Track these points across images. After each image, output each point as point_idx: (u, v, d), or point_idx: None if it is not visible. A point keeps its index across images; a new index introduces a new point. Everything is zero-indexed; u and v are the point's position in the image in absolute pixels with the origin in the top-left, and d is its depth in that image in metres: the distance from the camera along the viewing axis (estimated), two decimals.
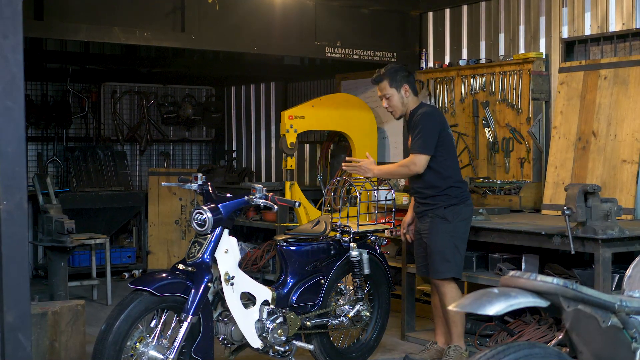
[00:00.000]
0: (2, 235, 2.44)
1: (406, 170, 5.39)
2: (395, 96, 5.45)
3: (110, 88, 10.30)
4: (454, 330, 5.46)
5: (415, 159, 5.31)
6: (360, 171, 5.44)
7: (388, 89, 5.45)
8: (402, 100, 5.45)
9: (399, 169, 5.52)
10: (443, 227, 5.38)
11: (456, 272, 5.40)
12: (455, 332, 5.46)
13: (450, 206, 5.38)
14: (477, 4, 7.53)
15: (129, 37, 6.43)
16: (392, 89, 5.44)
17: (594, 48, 6.55)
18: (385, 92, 5.47)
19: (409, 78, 5.49)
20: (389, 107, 5.51)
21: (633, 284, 3.46)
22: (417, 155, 5.30)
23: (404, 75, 5.47)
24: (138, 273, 9.45)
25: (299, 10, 7.31)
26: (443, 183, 5.38)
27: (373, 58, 7.78)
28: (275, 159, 10.27)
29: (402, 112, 5.51)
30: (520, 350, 2.87)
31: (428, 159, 5.30)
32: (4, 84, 2.45)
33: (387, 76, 5.44)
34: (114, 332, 4.34)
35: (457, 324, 5.45)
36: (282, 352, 5.03)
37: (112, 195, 9.52)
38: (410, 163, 5.33)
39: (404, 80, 5.45)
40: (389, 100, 5.47)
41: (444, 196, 5.37)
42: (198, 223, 4.74)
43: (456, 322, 5.45)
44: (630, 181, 6.01)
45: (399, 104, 5.46)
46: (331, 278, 5.42)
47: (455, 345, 5.44)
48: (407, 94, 5.45)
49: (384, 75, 5.45)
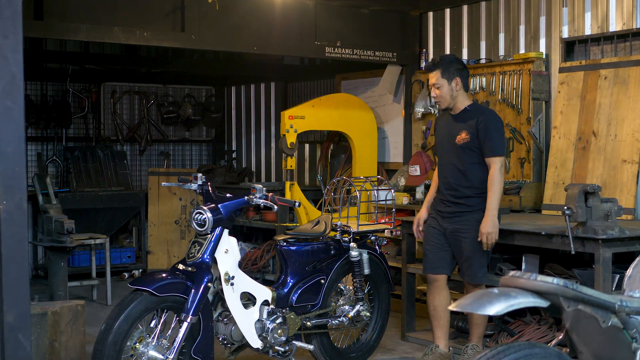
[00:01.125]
0: (2, 235, 2.44)
1: (501, 178, 5.26)
2: (445, 87, 5.31)
3: (110, 88, 10.30)
4: (476, 331, 5.47)
5: (500, 161, 5.25)
6: (490, 237, 5.20)
7: (439, 78, 5.31)
8: (452, 93, 5.32)
9: (499, 185, 5.24)
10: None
11: (487, 277, 5.45)
12: (477, 333, 5.48)
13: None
14: (477, 4, 7.53)
15: (129, 37, 6.43)
16: (443, 79, 5.31)
17: (594, 48, 6.55)
18: (436, 81, 5.33)
19: (462, 72, 5.37)
20: (437, 97, 5.37)
21: (633, 284, 3.46)
22: (500, 157, 5.24)
23: (457, 68, 5.35)
24: (138, 273, 9.45)
25: (299, 10, 7.31)
26: (484, 185, 5.29)
27: (373, 58, 7.78)
28: (275, 159, 10.27)
29: (448, 105, 5.37)
30: (520, 350, 2.87)
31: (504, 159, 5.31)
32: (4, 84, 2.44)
33: (440, 65, 5.33)
34: (114, 332, 4.34)
35: (479, 326, 5.46)
36: (282, 352, 5.03)
37: (112, 195, 9.51)
38: (498, 169, 5.22)
39: (457, 73, 5.33)
40: (439, 90, 5.33)
41: (480, 198, 5.30)
42: (198, 223, 4.74)
43: (479, 324, 5.46)
44: (630, 181, 6.01)
45: (447, 95, 5.33)
46: (331, 278, 5.42)
47: (473, 345, 5.44)
48: (458, 87, 5.32)
49: (438, 64, 5.35)
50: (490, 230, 5.19)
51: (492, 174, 5.24)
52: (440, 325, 5.56)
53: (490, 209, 5.22)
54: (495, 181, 5.22)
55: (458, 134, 5.33)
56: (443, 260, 5.49)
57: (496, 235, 5.23)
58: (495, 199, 5.22)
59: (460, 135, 5.32)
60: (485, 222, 5.21)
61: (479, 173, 5.30)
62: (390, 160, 8.46)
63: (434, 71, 5.35)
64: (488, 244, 5.24)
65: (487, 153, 5.25)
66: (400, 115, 8.27)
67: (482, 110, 5.42)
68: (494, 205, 5.23)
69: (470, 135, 5.28)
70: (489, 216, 5.21)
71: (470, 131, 5.28)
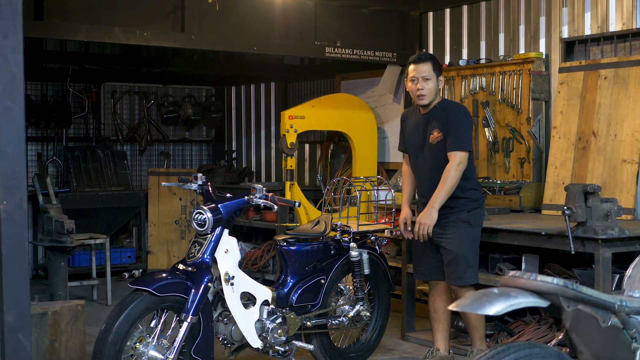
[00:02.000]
0: (2, 235, 2.44)
1: (457, 175, 5.10)
2: (434, 82, 5.24)
3: (110, 88, 10.30)
4: (476, 334, 5.37)
5: (461, 157, 5.10)
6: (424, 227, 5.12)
7: (430, 71, 5.22)
8: (436, 89, 5.27)
9: (451, 181, 5.08)
10: (467, 232, 5.23)
11: (476, 277, 5.30)
12: (477, 335, 5.38)
13: (473, 210, 5.25)
14: (477, 4, 7.53)
15: (129, 37, 6.43)
16: (433, 73, 5.24)
17: (594, 48, 6.55)
18: (426, 74, 5.21)
19: (441, 72, 5.35)
20: (424, 89, 5.22)
21: (633, 284, 3.46)
22: (461, 152, 5.10)
23: (440, 66, 5.36)
24: (138, 273, 9.45)
25: (299, 10, 7.31)
26: (465, 184, 5.21)
27: (373, 58, 7.78)
28: (275, 159, 10.27)
29: (431, 100, 5.27)
30: (520, 350, 2.87)
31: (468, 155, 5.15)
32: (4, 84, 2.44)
33: (430, 59, 5.28)
34: (114, 332, 4.34)
35: (478, 328, 5.37)
36: (282, 352, 5.03)
37: (112, 195, 9.51)
38: (456, 164, 5.08)
39: (440, 71, 5.31)
40: (427, 83, 5.22)
41: (465, 199, 5.21)
42: (198, 223, 4.74)
43: (477, 326, 5.36)
44: (630, 181, 6.01)
45: (433, 90, 5.24)
46: (331, 278, 5.42)
47: (478, 349, 5.39)
48: (441, 85, 5.31)
49: (428, 57, 5.29)
50: (426, 222, 5.10)
51: (448, 167, 5.09)
52: (441, 328, 5.52)
53: (433, 201, 5.10)
54: (449, 175, 5.08)
55: (431, 133, 5.24)
56: (436, 268, 5.41)
57: (430, 228, 5.11)
58: (443, 193, 5.08)
59: (433, 135, 5.22)
60: (424, 212, 5.12)
61: None
62: (390, 160, 8.46)
63: (426, 63, 5.24)
64: (420, 234, 5.16)
65: (450, 147, 5.12)
66: (400, 116, 8.26)
67: (450, 106, 5.33)
68: (439, 200, 5.09)
69: (442, 133, 5.18)
70: (430, 208, 5.09)
71: (442, 129, 5.18)
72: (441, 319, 5.51)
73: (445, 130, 5.18)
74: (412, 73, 5.28)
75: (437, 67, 5.28)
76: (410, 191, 5.61)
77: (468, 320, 5.40)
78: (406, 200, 5.57)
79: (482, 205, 5.39)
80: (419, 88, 5.24)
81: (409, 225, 5.50)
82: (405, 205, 5.55)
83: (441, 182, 5.10)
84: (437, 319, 5.52)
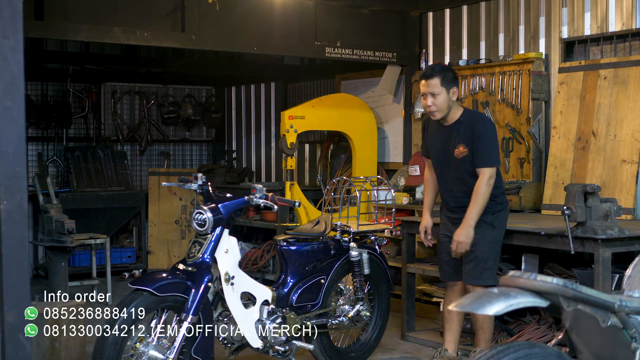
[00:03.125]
0: (2, 235, 2.44)
1: (489, 190, 5.11)
2: (443, 96, 5.15)
3: (110, 88, 10.30)
4: (482, 336, 5.34)
5: (491, 172, 5.11)
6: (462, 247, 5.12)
7: (438, 86, 5.14)
8: (448, 102, 5.17)
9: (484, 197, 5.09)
10: (490, 234, 5.21)
11: (495, 279, 5.23)
12: (484, 338, 5.34)
13: (497, 212, 5.23)
14: (477, 4, 7.53)
15: (129, 37, 6.43)
16: (442, 87, 5.14)
17: (593, 48, 6.55)
18: (434, 89, 5.14)
19: (457, 81, 5.26)
20: (434, 105, 5.16)
21: (633, 284, 3.46)
22: (491, 168, 5.11)
23: (454, 77, 5.24)
24: (138, 273, 9.45)
25: (299, 10, 7.31)
26: (493, 190, 5.17)
27: (373, 58, 7.78)
28: (275, 159, 10.27)
29: (444, 114, 5.20)
30: (520, 350, 2.88)
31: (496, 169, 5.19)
32: (4, 84, 2.45)
33: (438, 73, 5.17)
34: (114, 332, 4.34)
35: (485, 330, 5.33)
36: (282, 352, 5.03)
37: (112, 195, 9.52)
38: (487, 179, 5.08)
39: (454, 82, 5.20)
40: (436, 99, 5.15)
41: (490, 201, 5.17)
42: (198, 223, 4.74)
43: (485, 328, 5.33)
44: (630, 181, 6.01)
45: (444, 105, 5.16)
46: (331, 278, 5.42)
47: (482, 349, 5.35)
48: (454, 97, 5.20)
49: (436, 71, 5.19)
50: (462, 240, 5.10)
51: (478, 184, 5.10)
52: (452, 329, 5.48)
53: (468, 218, 5.10)
54: (481, 191, 5.09)
55: (456, 147, 5.19)
56: (457, 268, 5.38)
57: (467, 246, 5.12)
58: (476, 210, 5.10)
59: (459, 149, 5.18)
60: (459, 230, 5.11)
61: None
62: (390, 160, 8.46)
63: (433, 78, 5.17)
64: (457, 253, 5.16)
65: (479, 163, 5.12)
66: (400, 115, 8.27)
67: (476, 119, 5.26)
68: (474, 216, 5.10)
69: (468, 149, 5.16)
70: (465, 226, 5.09)
71: (468, 144, 5.15)
72: (454, 320, 5.46)
73: (470, 145, 5.15)
74: (422, 89, 5.24)
75: (447, 79, 5.17)
76: (432, 197, 5.58)
77: (476, 321, 5.37)
78: (427, 208, 5.57)
79: (506, 208, 5.37)
80: (428, 104, 5.21)
81: (429, 234, 5.54)
82: (426, 213, 5.56)
83: (473, 198, 5.11)
84: (450, 320, 5.48)
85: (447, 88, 5.15)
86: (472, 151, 5.14)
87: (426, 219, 5.54)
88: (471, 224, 5.10)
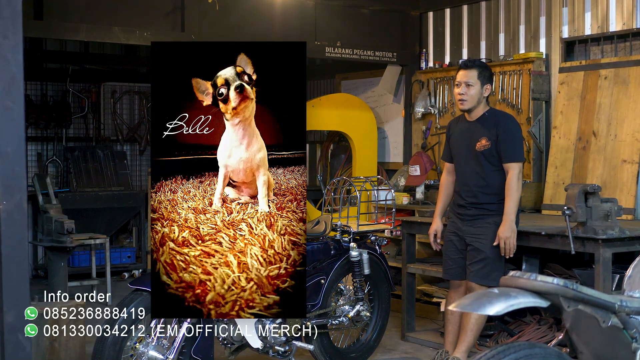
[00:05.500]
0: (2, 235, 2.44)
1: (520, 184, 5.23)
2: (477, 88, 5.26)
3: (110, 88, 10.29)
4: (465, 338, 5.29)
5: (519, 167, 5.20)
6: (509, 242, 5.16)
7: (475, 78, 5.25)
8: (479, 97, 5.27)
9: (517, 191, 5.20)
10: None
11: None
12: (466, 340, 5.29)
13: None
14: (477, 4, 7.53)
15: (129, 37, 6.43)
16: (477, 80, 5.26)
17: (594, 48, 6.55)
18: (470, 79, 5.25)
19: (492, 80, 5.35)
20: (465, 94, 5.26)
21: (633, 284, 3.46)
22: (518, 163, 5.21)
23: (490, 75, 5.35)
24: (138, 273, 9.45)
25: (299, 10, 7.31)
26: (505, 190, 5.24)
27: (373, 58, 7.78)
28: None
29: (472, 106, 5.29)
30: (520, 350, 2.87)
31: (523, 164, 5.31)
32: (4, 84, 2.44)
33: (477, 66, 5.31)
34: (113, 332, 4.34)
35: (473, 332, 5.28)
36: (282, 352, 5.03)
37: (112, 195, 9.51)
38: (516, 174, 5.18)
39: (489, 80, 5.31)
40: (469, 89, 5.26)
41: (501, 204, 5.22)
42: None
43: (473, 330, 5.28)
44: (630, 181, 6.01)
45: (476, 97, 5.26)
46: (331, 278, 5.41)
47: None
48: (487, 94, 5.30)
49: (476, 65, 5.33)
50: (508, 235, 5.15)
51: (509, 180, 5.19)
52: (454, 331, 5.46)
53: (508, 213, 5.18)
54: (513, 186, 5.18)
55: (478, 140, 5.27)
56: (462, 267, 5.39)
57: (514, 240, 5.17)
58: (513, 204, 5.18)
59: (480, 142, 5.25)
60: (503, 226, 5.17)
61: (500, 179, 5.23)
62: (390, 160, 8.46)
63: (471, 69, 5.28)
64: (506, 249, 5.18)
65: (506, 159, 5.20)
66: (400, 115, 8.27)
67: (501, 116, 5.36)
68: (512, 210, 5.18)
69: (490, 142, 5.22)
70: (507, 221, 5.16)
71: (491, 138, 5.23)
72: (456, 321, 5.44)
73: (493, 139, 5.22)
74: (457, 78, 5.35)
75: (484, 75, 5.28)
76: (444, 203, 5.60)
77: (467, 321, 5.30)
78: (439, 212, 5.60)
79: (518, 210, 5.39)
80: (460, 93, 5.30)
81: (438, 238, 5.58)
82: (437, 217, 5.60)
83: (507, 194, 5.19)
84: (453, 322, 5.46)
85: (482, 82, 5.26)
86: (495, 146, 5.22)
87: (437, 222, 5.59)
88: (512, 218, 5.17)
